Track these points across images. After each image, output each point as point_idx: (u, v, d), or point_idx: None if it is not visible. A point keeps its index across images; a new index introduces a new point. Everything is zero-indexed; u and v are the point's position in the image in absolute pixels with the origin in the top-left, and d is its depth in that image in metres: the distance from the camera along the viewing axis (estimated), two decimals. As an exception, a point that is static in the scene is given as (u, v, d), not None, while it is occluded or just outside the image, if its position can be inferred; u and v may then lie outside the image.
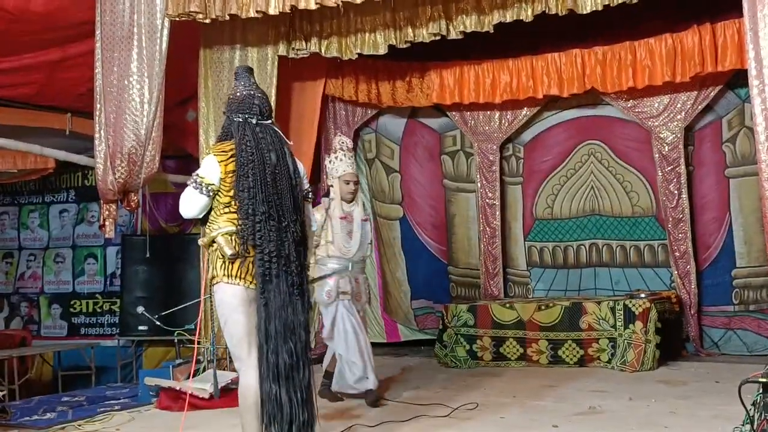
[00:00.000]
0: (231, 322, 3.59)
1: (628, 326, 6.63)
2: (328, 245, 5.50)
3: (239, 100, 3.74)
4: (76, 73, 6.99)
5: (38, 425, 5.22)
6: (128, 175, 6.48)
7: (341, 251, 5.50)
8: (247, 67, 3.93)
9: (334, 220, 5.51)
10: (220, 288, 3.59)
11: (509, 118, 8.29)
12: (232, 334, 3.60)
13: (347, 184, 5.58)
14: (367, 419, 4.91)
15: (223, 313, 3.61)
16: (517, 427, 4.71)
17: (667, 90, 7.41)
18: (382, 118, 8.82)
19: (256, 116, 3.73)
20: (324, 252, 5.53)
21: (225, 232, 3.58)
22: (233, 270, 3.55)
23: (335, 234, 5.49)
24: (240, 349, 3.59)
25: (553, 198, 8.33)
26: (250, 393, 3.55)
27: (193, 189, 3.61)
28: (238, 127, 3.69)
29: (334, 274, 5.49)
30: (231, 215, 3.60)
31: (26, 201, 10.52)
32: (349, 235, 5.54)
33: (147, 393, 5.92)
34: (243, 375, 3.59)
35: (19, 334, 9.20)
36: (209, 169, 3.62)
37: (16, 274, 10.43)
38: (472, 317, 7.25)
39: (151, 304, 7.89)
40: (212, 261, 3.62)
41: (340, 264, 5.53)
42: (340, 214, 5.53)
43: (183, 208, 3.68)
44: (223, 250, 3.55)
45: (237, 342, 3.59)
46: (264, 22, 6.62)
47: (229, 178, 3.59)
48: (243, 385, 3.58)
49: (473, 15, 6.31)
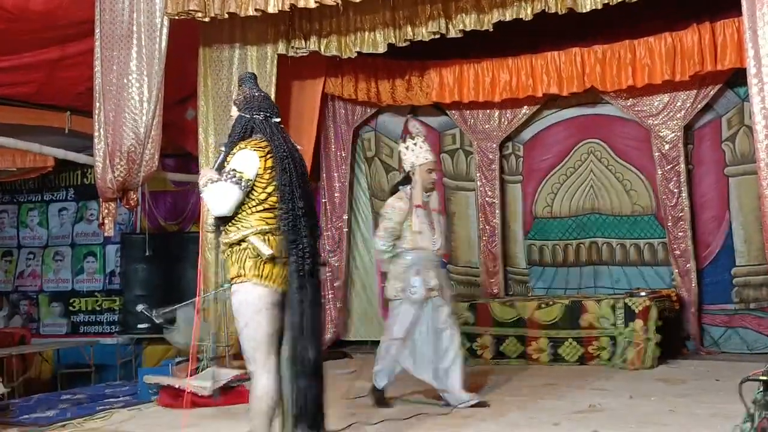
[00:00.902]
0: (253, 325, 3.48)
1: (629, 324, 6.63)
2: (414, 237, 5.09)
3: (259, 99, 3.70)
4: (75, 71, 7.00)
5: (38, 423, 5.23)
6: (127, 173, 6.49)
7: (427, 244, 5.13)
8: (252, 74, 3.92)
9: (416, 211, 5.13)
10: (245, 288, 3.48)
11: (509, 117, 8.29)
12: (252, 336, 3.48)
13: (429, 173, 5.24)
14: (367, 416, 4.91)
15: (244, 314, 3.50)
16: (518, 425, 4.71)
17: (667, 89, 7.41)
18: (381, 116, 8.82)
19: (273, 116, 3.71)
20: (409, 244, 5.12)
21: (259, 231, 3.49)
22: (265, 271, 3.47)
23: (421, 225, 5.12)
24: (259, 353, 3.48)
25: (553, 196, 8.32)
26: (267, 397, 3.48)
27: (232, 184, 3.44)
28: (264, 125, 3.64)
29: (419, 269, 5.10)
30: (264, 213, 3.51)
31: (25, 199, 10.52)
32: (431, 226, 5.20)
33: (147, 391, 5.93)
34: (259, 379, 3.49)
35: (19, 332, 9.21)
36: (249, 164, 3.49)
37: (16, 272, 10.43)
38: (472, 315, 7.25)
39: (151, 302, 7.89)
40: (239, 260, 3.48)
41: (425, 257, 5.14)
42: (420, 204, 5.16)
43: (217, 204, 3.48)
44: (258, 249, 3.45)
45: (256, 345, 3.48)
46: (263, 21, 6.62)
47: (267, 174, 3.51)
48: (259, 389, 3.48)
49: (473, 13, 6.32)
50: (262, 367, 3.49)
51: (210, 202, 3.53)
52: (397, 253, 5.16)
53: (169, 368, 5.92)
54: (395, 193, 5.31)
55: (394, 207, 5.19)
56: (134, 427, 5.08)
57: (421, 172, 5.20)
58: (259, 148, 3.54)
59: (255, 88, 3.76)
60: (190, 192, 9.21)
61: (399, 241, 5.13)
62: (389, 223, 5.15)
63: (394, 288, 5.18)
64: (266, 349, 3.49)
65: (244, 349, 3.56)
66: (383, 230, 5.19)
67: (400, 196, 5.23)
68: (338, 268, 8.62)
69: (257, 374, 3.51)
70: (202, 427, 4.92)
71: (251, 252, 3.48)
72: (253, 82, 3.81)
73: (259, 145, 3.55)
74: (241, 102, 3.72)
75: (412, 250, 5.11)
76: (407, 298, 5.09)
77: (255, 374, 3.52)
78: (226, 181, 3.46)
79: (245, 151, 3.53)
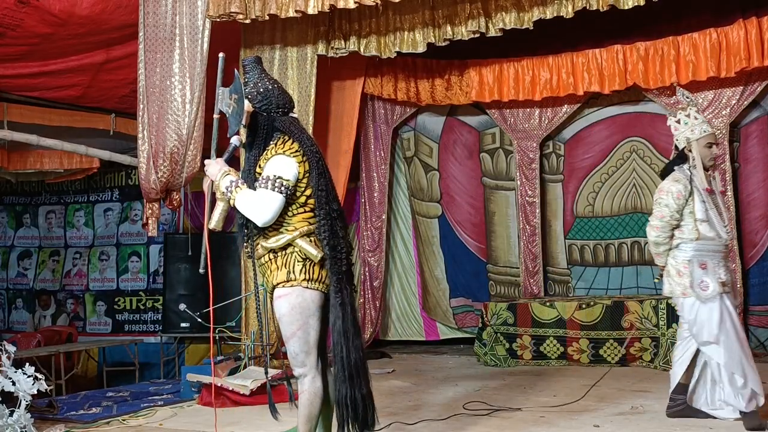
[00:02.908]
0: (307, 328, 3.46)
1: (671, 325, 6.53)
2: (698, 225, 4.43)
3: (276, 94, 3.55)
4: (119, 74, 7.12)
5: (84, 419, 5.32)
6: (170, 174, 6.57)
7: (713, 232, 4.47)
8: (256, 57, 3.70)
9: (699, 194, 4.48)
10: (298, 292, 3.45)
11: (549, 116, 8.23)
12: (305, 340, 3.46)
13: (709, 148, 4.58)
14: (405, 417, 4.91)
15: (297, 317, 3.45)
16: (558, 426, 4.67)
17: (712, 85, 7.28)
18: (421, 116, 8.81)
19: (290, 110, 3.62)
20: (691, 234, 4.45)
21: (305, 234, 3.47)
22: (314, 274, 3.46)
23: (708, 210, 4.47)
24: (310, 356, 3.48)
25: (594, 195, 8.24)
26: (318, 401, 3.49)
27: (278, 193, 3.37)
28: (291, 125, 3.54)
29: (707, 262, 4.45)
30: (305, 215, 3.48)
31: (72, 200, 10.71)
32: (718, 212, 4.53)
33: (189, 389, 6.01)
34: (313, 382, 3.49)
35: (66, 330, 9.41)
36: (290, 171, 3.41)
37: (63, 271, 10.64)
38: (512, 316, 7.21)
39: (193, 301, 8.00)
40: (286, 264, 3.46)
41: (712, 248, 4.48)
42: (705, 185, 4.51)
43: (264, 213, 3.39)
44: (307, 251, 3.44)
45: (309, 349, 3.47)
46: (303, 22, 6.66)
47: (305, 178, 3.46)
48: (312, 392, 3.48)
49: (513, 12, 6.27)
50: (313, 370, 3.50)
51: (253, 211, 3.42)
52: (677, 245, 4.52)
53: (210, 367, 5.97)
54: (669, 174, 4.65)
55: (670, 191, 4.50)
56: (177, 424, 5.15)
57: (700, 148, 4.55)
58: (295, 152, 3.45)
59: (265, 77, 3.57)
60: (231, 192, 9.29)
61: (678, 231, 4.51)
62: (666, 210, 4.48)
63: (679, 285, 4.50)
64: (316, 352, 3.50)
65: (294, 353, 3.49)
66: (658, 220, 4.50)
67: (677, 177, 4.55)
68: (377, 267, 8.63)
69: (309, 378, 3.50)
70: (243, 425, 4.97)
71: (299, 255, 3.46)
72: (261, 68, 3.62)
73: (292, 149, 3.46)
74: (255, 97, 3.53)
75: (696, 240, 4.45)
76: (698, 296, 4.42)
77: (306, 378, 3.50)
78: (272, 190, 3.38)
79: (282, 157, 3.43)
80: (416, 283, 8.83)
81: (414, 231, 8.90)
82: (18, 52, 6.42)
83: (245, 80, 3.59)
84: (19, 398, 4.27)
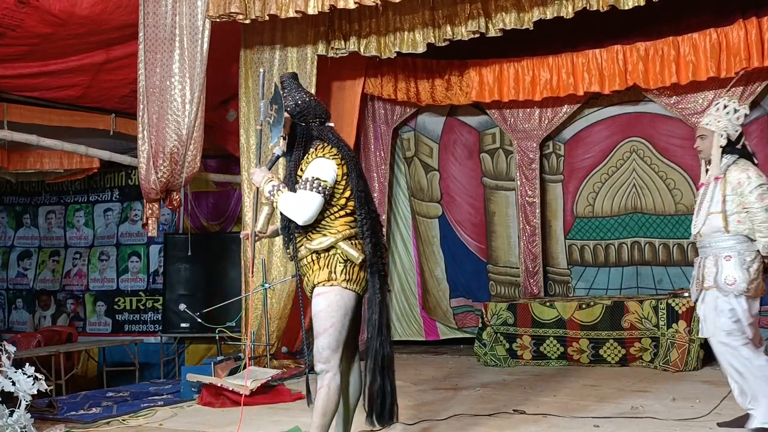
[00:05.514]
0: (340, 327, 3.61)
1: (671, 326, 6.53)
2: None
3: (313, 105, 3.76)
4: (119, 74, 7.13)
5: (84, 419, 5.31)
6: (170, 174, 6.58)
7: None
8: (293, 74, 3.93)
9: None
10: (337, 291, 3.60)
11: (549, 116, 8.23)
12: (336, 338, 3.60)
13: None
14: (405, 417, 4.91)
15: (333, 314, 3.60)
16: (558, 426, 4.67)
17: (712, 86, 7.28)
18: (421, 116, 8.82)
19: (327, 120, 3.82)
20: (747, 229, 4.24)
21: (348, 236, 3.63)
22: (354, 275, 3.63)
23: None
24: (336, 354, 3.61)
25: (594, 196, 8.24)
26: (337, 397, 3.63)
27: (317, 194, 3.53)
28: (329, 132, 3.75)
29: None
30: (346, 218, 3.65)
31: (72, 200, 10.72)
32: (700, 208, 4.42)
33: (189, 389, 6.01)
34: (333, 379, 3.60)
35: (66, 330, 9.41)
36: (328, 173, 3.59)
37: (63, 271, 10.65)
38: (512, 316, 7.21)
39: (193, 301, 8.01)
40: (328, 264, 3.61)
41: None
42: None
43: (304, 213, 3.54)
44: (349, 254, 3.60)
45: (337, 346, 3.61)
46: (303, 22, 6.67)
47: (344, 181, 3.64)
48: (333, 389, 3.60)
49: (513, 12, 6.28)
50: (335, 367, 3.63)
51: (294, 211, 3.57)
52: None
53: (210, 367, 5.98)
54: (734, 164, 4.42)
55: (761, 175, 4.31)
56: (177, 424, 5.14)
57: None
58: (335, 156, 3.64)
59: (302, 91, 3.79)
60: (231, 192, 9.31)
61: None
62: None
63: None
64: (341, 352, 3.64)
65: (322, 348, 3.60)
66: None
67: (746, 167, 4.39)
68: (378, 268, 8.62)
69: (331, 374, 3.61)
70: (242, 425, 4.96)
71: (341, 257, 3.62)
72: (297, 83, 3.83)
73: (332, 153, 3.65)
74: (293, 108, 3.73)
75: None
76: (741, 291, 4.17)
77: (328, 374, 3.61)
78: (311, 190, 3.54)
79: (322, 160, 3.61)
80: (416, 283, 8.83)
81: (414, 231, 8.91)
82: (18, 52, 6.42)
83: (284, 94, 3.78)
84: (19, 398, 4.27)
